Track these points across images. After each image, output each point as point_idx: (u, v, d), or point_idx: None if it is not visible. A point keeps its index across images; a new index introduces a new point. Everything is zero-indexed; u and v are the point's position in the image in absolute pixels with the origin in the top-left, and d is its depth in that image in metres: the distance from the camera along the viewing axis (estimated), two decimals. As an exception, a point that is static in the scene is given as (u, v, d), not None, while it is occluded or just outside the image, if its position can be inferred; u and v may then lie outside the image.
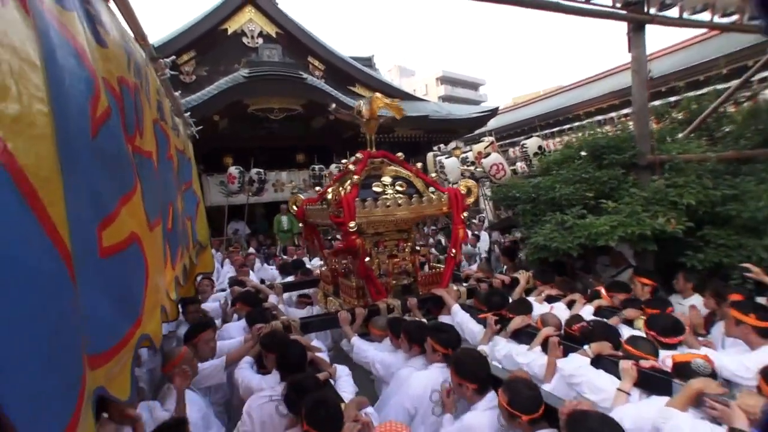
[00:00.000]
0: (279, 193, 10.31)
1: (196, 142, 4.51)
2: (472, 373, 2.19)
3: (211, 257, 4.46)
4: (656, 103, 8.31)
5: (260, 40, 11.05)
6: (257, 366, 2.86)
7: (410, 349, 2.79)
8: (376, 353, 2.99)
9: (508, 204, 5.71)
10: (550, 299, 3.74)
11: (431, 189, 3.96)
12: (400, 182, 3.81)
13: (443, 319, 3.51)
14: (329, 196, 3.52)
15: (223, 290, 5.11)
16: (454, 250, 3.91)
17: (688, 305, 3.40)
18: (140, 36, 2.04)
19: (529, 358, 2.70)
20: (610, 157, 4.63)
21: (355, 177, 3.64)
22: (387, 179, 3.79)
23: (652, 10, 4.31)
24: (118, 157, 1.30)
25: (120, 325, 1.18)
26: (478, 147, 8.90)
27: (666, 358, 2.34)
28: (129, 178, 1.40)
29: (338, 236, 6.83)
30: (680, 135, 5.43)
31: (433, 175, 5.72)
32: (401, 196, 3.65)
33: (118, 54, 1.48)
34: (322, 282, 4.66)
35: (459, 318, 3.40)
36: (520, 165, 12.83)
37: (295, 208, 4.48)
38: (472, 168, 8.46)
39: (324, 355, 2.93)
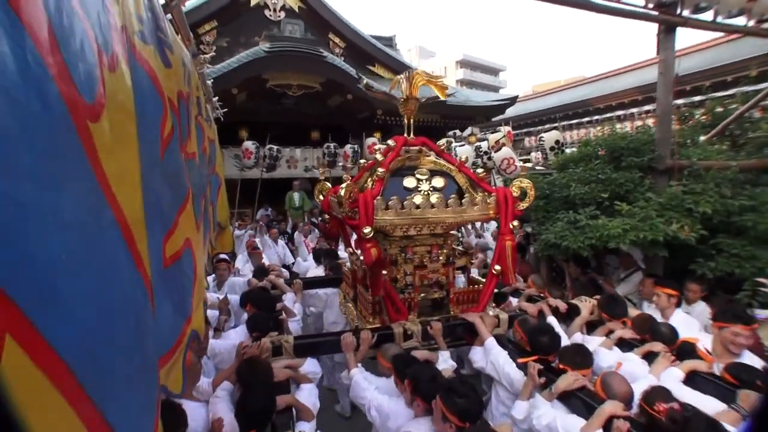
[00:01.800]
0: (292, 169, 10.33)
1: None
2: None
3: (231, 236, 4.27)
4: (679, 101, 8.08)
5: (282, 14, 10.94)
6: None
7: (412, 402, 2.14)
8: (375, 395, 2.35)
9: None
10: (622, 345, 2.84)
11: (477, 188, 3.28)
12: (438, 177, 3.16)
13: (475, 351, 2.93)
14: (341, 192, 2.87)
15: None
16: (497, 266, 3.11)
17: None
18: (187, 37, 2.04)
19: None
20: (629, 159, 4.57)
21: (380, 170, 2.95)
22: (423, 172, 3.15)
23: (685, 12, 4.16)
24: (177, 172, 1.35)
25: (178, 325, 1.28)
26: (495, 137, 8.83)
27: None
28: (184, 188, 1.45)
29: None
30: (702, 138, 5.35)
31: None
32: (438, 195, 2.96)
33: (178, 71, 1.51)
34: (344, 283, 4.00)
35: (494, 356, 2.72)
36: (534, 156, 12.77)
37: (321, 197, 3.86)
38: (485, 158, 8.42)
39: (312, 387, 2.53)
